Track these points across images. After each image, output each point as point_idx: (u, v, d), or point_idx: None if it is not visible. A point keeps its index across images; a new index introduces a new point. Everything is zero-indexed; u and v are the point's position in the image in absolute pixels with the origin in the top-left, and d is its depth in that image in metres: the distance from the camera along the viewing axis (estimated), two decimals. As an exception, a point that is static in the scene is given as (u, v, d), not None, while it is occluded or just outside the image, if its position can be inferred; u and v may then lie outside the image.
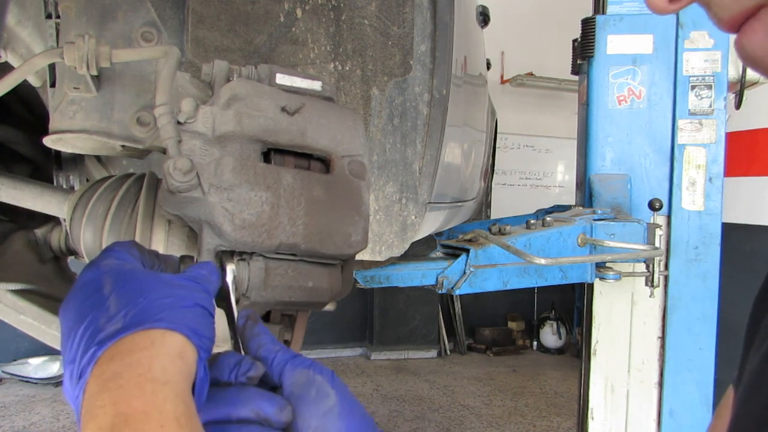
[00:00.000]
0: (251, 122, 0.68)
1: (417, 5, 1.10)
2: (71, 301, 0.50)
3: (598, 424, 2.26)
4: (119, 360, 0.44)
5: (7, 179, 0.93)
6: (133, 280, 0.50)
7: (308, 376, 0.51)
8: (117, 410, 0.41)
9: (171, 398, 0.43)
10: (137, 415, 0.41)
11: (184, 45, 0.96)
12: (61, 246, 1.07)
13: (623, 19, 2.20)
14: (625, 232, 1.90)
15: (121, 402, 0.41)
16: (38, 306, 0.90)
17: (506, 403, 4.75)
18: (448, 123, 1.20)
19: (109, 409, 0.41)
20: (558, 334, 6.37)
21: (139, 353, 0.44)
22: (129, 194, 0.81)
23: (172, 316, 0.48)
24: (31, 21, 0.76)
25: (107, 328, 0.46)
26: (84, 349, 0.45)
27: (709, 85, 2.14)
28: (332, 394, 0.51)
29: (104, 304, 0.48)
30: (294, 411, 0.50)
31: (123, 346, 0.45)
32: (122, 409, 0.41)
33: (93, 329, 0.46)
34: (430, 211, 1.21)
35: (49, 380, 4.69)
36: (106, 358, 0.44)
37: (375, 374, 5.42)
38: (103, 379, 0.43)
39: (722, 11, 0.38)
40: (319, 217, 0.70)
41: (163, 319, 0.47)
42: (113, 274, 0.51)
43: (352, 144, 0.75)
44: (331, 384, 0.51)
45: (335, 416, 0.50)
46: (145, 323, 0.46)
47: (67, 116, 0.73)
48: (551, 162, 6.97)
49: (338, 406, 0.50)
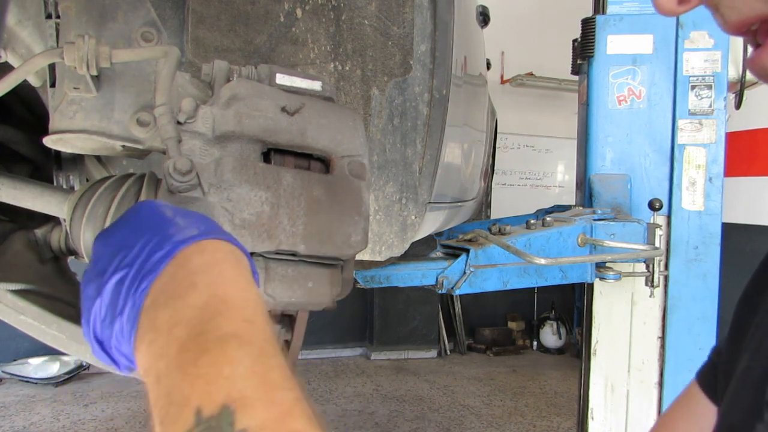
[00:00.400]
0: (251, 122, 0.68)
1: (417, 5, 1.10)
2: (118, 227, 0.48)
3: (598, 424, 2.26)
4: (209, 254, 0.43)
5: (7, 179, 0.93)
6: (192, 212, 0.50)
7: None
8: (213, 291, 0.40)
9: (260, 297, 0.43)
10: (235, 300, 0.40)
11: (184, 45, 0.96)
12: (61, 246, 1.07)
13: (623, 19, 2.20)
14: (625, 232, 1.90)
15: (218, 285, 0.41)
16: (38, 306, 0.90)
17: (506, 403, 4.75)
18: (448, 123, 1.20)
19: (204, 289, 0.40)
20: (558, 334, 6.37)
21: (225, 253, 0.44)
22: (129, 194, 0.81)
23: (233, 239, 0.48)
24: (31, 21, 0.76)
25: (183, 233, 0.44)
26: (153, 250, 0.43)
27: (709, 85, 2.14)
28: None
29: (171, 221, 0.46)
30: None
31: (207, 246, 0.44)
32: (219, 292, 0.40)
33: (162, 236, 0.44)
34: (430, 211, 1.21)
35: (49, 380, 4.69)
36: (191, 252, 0.43)
37: (375, 374, 5.42)
38: (192, 266, 0.42)
39: (731, 14, 0.39)
40: (319, 218, 0.70)
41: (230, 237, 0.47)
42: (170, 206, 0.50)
43: (352, 144, 0.75)
44: None
45: None
46: (221, 234, 0.46)
47: (67, 116, 0.73)
48: (551, 162, 6.97)
49: None
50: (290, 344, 0.78)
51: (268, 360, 0.38)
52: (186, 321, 0.39)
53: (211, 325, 0.38)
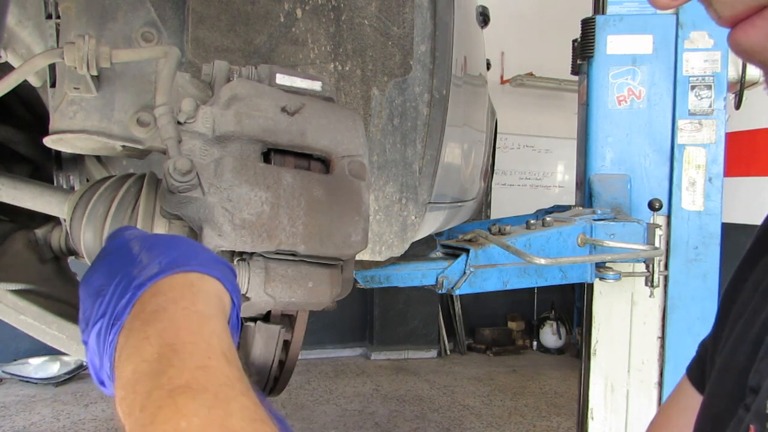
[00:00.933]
0: (251, 122, 0.68)
1: (417, 5, 1.10)
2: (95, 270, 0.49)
3: (598, 424, 2.26)
4: (162, 296, 0.43)
5: (7, 179, 0.93)
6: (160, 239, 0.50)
7: None
8: (164, 341, 0.40)
9: (217, 332, 0.42)
10: (185, 345, 0.39)
11: (184, 45, 0.96)
12: (61, 246, 1.07)
13: (623, 19, 2.20)
14: (625, 232, 1.90)
15: (168, 332, 0.40)
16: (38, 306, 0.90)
17: (506, 403, 4.75)
18: (448, 123, 1.20)
19: (155, 340, 0.40)
20: (558, 334, 6.37)
21: (181, 290, 0.44)
22: (129, 194, 0.81)
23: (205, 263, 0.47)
24: (31, 21, 0.77)
25: (143, 275, 0.45)
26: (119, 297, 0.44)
27: (708, 85, 2.14)
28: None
29: (135, 259, 0.47)
30: None
31: (163, 285, 0.44)
32: (170, 340, 0.40)
33: (126, 280, 0.45)
34: (430, 211, 1.21)
35: (49, 380, 4.69)
36: (147, 296, 0.43)
37: (375, 374, 5.42)
38: (146, 314, 0.42)
39: (724, 9, 0.39)
40: (319, 218, 0.70)
41: (198, 264, 0.47)
42: (139, 238, 0.50)
43: (352, 144, 0.75)
44: None
45: None
46: (182, 267, 0.45)
47: (67, 116, 0.73)
48: (551, 162, 6.97)
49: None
50: (290, 344, 0.78)
51: (227, 405, 0.37)
52: (144, 376, 0.39)
53: (163, 379, 0.38)
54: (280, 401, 4.49)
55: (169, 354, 0.39)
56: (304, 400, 4.64)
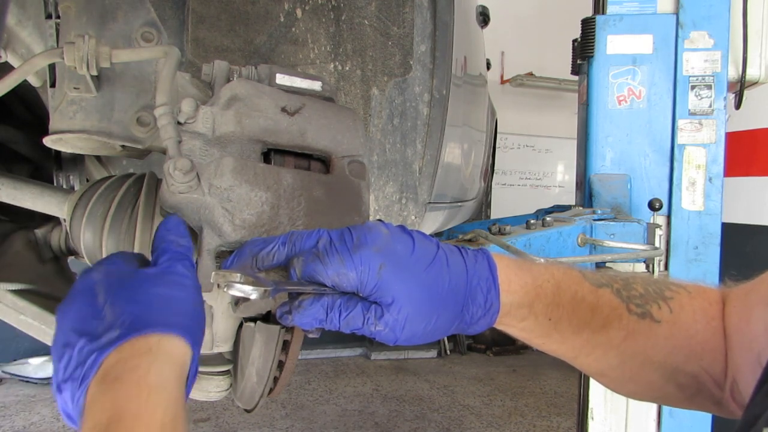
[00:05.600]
0: (251, 122, 0.68)
1: (417, 5, 1.10)
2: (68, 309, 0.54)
3: (598, 424, 2.26)
4: (121, 365, 0.47)
5: (7, 179, 0.93)
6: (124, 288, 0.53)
7: None
8: (114, 411, 0.44)
9: (163, 405, 0.46)
10: (130, 417, 0.44)
11: (184, 45, 0.96)
12: (61, 246, 1.07)
13: (623, 19, 2.20)
14: (625, 232, 1.90)
15: (118, 403, 0.45)
16: (38, 306, 0.90)
17: (506, 403, 4.75)
18: (448, 123, 1.20)
19: (109, 407, 0.45)
20: (558, 334, 6.36)
21: (138, 359, 0.48)
22: (129, 194, 0.81)
23: (166, 319, 0.51)
24: (31, 21, 0.76)
25: (106, 336, 0.49)
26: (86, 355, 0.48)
27: (708, 85, 2.14)
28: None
29: (100, 313, 0.51)
30: None
31: (123, 351, 0.48)
32: (119, 411, 0.44)
33: (92, 338, 0.49)
34: (430, 211, 1.21)
35: (49, 380, 4.68)
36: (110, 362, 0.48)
37: (375, 374, 5.42)
38: (105, 383, 0.47)
39: None
40: (319, 218, 0.70)
41: (158, 323, 0.50)
42: (104, 284, 0.54)
43: (352, 144, 0.75)
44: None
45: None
46: (141, 329, 0.49)
47: (67, 116, 0.73)
48: (551, 162, 6.97)
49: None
50: (290, 344, 0.78)
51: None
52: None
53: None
54: (280, 401, 4.49)
55: (115, 423, 0.44)
56: (304, 400, 4.64)
